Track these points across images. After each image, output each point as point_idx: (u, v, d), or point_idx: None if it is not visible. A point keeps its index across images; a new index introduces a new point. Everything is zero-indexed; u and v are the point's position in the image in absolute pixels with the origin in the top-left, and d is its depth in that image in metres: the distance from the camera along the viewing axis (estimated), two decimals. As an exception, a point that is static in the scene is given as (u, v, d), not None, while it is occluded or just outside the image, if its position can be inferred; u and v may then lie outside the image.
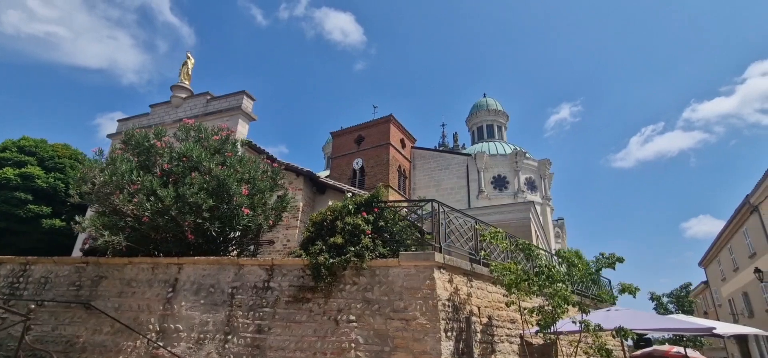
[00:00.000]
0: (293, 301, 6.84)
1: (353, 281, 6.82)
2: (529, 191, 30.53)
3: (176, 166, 7.81)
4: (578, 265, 6.69)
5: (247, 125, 15.45)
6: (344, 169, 32.65)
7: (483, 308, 7.46)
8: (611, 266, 6.91)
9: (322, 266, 6.66)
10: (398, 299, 6.54)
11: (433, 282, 6.49)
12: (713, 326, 6.52)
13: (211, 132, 8.72)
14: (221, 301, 7.06)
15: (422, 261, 6.64)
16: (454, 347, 6.39)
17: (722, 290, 32.55)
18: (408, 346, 6.23)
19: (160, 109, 17.17)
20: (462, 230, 7.87)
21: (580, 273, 6.73)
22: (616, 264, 6.85)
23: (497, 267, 6.75)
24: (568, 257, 6.72)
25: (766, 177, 18.82)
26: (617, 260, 6.88)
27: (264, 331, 6.70)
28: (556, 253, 6.85)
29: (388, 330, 6.39)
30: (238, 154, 8.65)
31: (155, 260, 7.60)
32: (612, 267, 6.92)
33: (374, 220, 7.21)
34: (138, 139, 7.92)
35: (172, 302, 7.18)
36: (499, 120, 36.66)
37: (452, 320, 6.57)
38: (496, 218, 18.48)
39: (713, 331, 6.26)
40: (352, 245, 6.84)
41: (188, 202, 7.10)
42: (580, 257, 6.74)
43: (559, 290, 6.11)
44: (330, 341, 6.46)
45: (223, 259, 7.38)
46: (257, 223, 8.24)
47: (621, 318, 7.22)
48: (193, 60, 17.76)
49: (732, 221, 25.69)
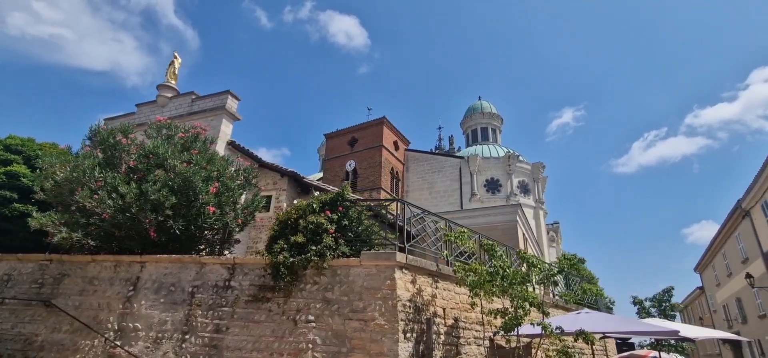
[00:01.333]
0: (253, 300, 6.74)
1: (314, 281, 6.72)
2: (521, 194, 30.39)
3: (142, 163, 7.73)
4: (538, 266, 6.57)
5: (231, 125, 15.39)
6: (337, 171, 32.57)
7: (449, 309, 7.34)
8: (574, 267, 6.80)
9: (281, 265, 6.57)
10: (358, 299, 6.44)
11: (394, 282, 6.38)
12: (678, 330, 6.41)
13: (180, 129, 8.64)
14: (181, 300, 6.96)
15: (383, 261, 6.54)
16: (414, 348, 6.28)
17: (717, 295, 32.31)
18: (365, 347, 6.12)
19: (146, 109, 17.12)
20: (430, 230, 7.76)
21: (540, 274, 6.62)
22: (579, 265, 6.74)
23: (460, 268, 6.63)
24: (528, 257, 6.60)
25: (756, 182, 18.68)
26: (579, 261, 6.77)
27: (222, 330, 6.60)
28: (517, 253, 6.74)
29: (346, 331, 6.28)
30: (209, 152, 8.56)
31: (118, 258, 7.51)
32: (575, 268, 6.81)
33: (338, 219, 7.11)
34: (103, 136, 7.85)
35: (132, 300, 7.09)
36: (493, 123, 36.58)
37: (413, 321, 6.45)
38: (483, 220, 18.37)
39: (678, 334, 6.14)
40: (313, 244, 6.74)
41: (150, 199, 7.02)
42: (539, 259, 6.63)
43: (519, 292, 5.99)
44: (287, 342, 6.35)
45: (185, 257, 7.28)
46: (225, 221, 8.14)
47: (590, 321, 7.11)
48: (180, 60, 17.72)
49: (725, 226, 25.52)
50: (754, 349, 25.62)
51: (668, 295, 14.28)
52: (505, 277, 6.12)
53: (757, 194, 19.14)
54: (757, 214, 20.17)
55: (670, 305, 13.44)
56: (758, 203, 19.50)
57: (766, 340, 23.20)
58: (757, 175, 18.19)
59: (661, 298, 14.39)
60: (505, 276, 6.17)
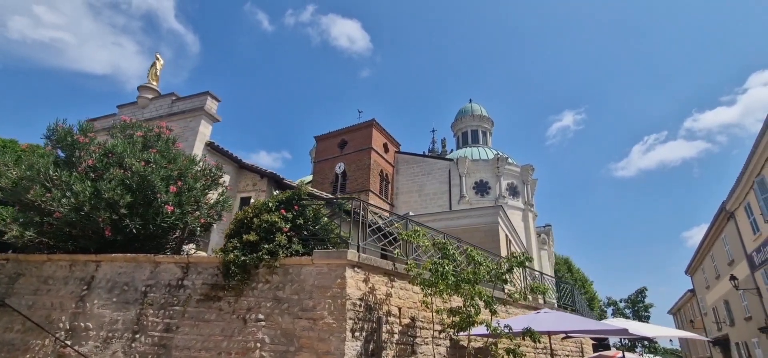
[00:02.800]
0: (204, 299, 6.70)
1: (266, 280, 6.68)
2: (510, 196, 30.39)
3: (101, 162, 7.70)
4: (484, 264, 6.54)
5: (210, 126, 15.36)
6: (327, 174, 32.54)
7: (406, 308, 7.30)
8: (521, 265, 6.77)
9: (231, 263, 6.53)
10: (308, 297, 6.40)
11: (344, 281, 6.35)
12: (626, 327, 6.39)
13: (145, 128, 8.62)
14: (133, 299, 6.91)
15: (334, 259, 6.51)
16: (362, 347, 6.23)
17: (707, 298, 32.31)
18: (313, 346, 6.08)
19: (126, 110, 17.09)
20: (388, 229, 7.73)
21: (487, 272, 6.58)
22: (526, 263, 6.71)
23: (412, 265, 6.59)
24: (474, 255, 6.57)
25: (738, 184, 18.69)
26: (526, 258, 6.74)
27: (172, 330, 6.55)
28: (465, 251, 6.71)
29: (295, 330, 6.24)
30: (172, 152, 8.53)
31: (74, 257, 7.47)
32: (522, 265, 6.79)
33: (293, 218, 7.08)
34: (60, 135, 7.82)
35: (85, 300, 7.04)
36: (483, 125, 36.61)
37: (363, 319, 6.41)
38: (465, 222, 18.35)
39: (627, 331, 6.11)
40: (266, 243, 6.71)
41: (104, 198, 6.98)
42: (485, 257, 6.60)
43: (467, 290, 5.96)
44: (236, 341, 6.30)
45: (139, 256, 7.24)
46: (185, 221, 8.10)
47: (545, 320, 7.07)
48: (161, 61, 17.71)
49: (712, 228, 25.53)
50: (741, 351, 25.59)
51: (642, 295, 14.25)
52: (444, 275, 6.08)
53: (740, 195, 19.15)
54: (740, 216, 20.18)
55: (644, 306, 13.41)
56: (741, 204, 19.51)
57: (752, 342, 23.18)
58: (738, 177, 18.21)
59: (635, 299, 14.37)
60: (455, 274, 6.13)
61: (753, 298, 20.22)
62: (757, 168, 16.27)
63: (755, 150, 15.49)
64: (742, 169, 17.47)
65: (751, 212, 18.21)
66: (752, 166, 16.46)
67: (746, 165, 16.90)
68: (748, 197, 18.49)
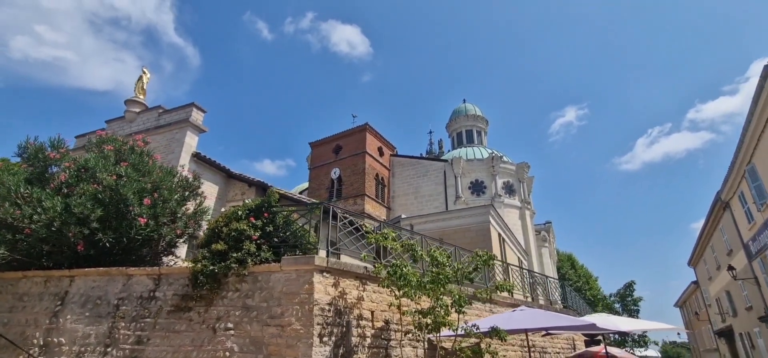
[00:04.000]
0: (175, 310, 6.71)
1: (236, 288, 6.68)
2: (506, 194, 30.30)
3: (73, 177, 7.75)
4: (446, 264, 6.51)
5: (196, 137, 15.42)
6: (323, 180, 32.60)
7: (379, 312, 7.28)
8: (486, 263, 6.74)
9: (199, 273, 6.55)
10: (277, 304, 6.40)
11: (312, 286, 6.35)
12: (593, 322, 6.33)
13: (118, 142, 8.67)
14: (106, 313, 6.94)
15: (302, 265, 6.51)
16: (331, 352, 6.22)
17: (710, 289, 32.00)
18: (281, 352, 6.07)
19: (115, 124, 17.22)
20: (362, 232, 7.72)
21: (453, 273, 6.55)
22: (492, 261, 6.68)
23: (378, 268, 6.58)
24: (436, 256, 6.54)
25: (731, 172, 18.54)
26: (490, 257, 6.71)
27: (143, 342, 6.56)
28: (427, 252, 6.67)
29: (263, 337, 6.23)
30: (147, 165, 8.56)
31: (48, 273, 7.50)
32: (487, 264, 6.76)
33: (263, 225, 7.09)
34: (32, 152, 7.89)
35: (58, 315, 7.07)
36: (478, 125, 36.57)
37: (333, 324, 6.40)
38: (457, 223, 18.30)
39: (595, 326, 6.05)
40: (235, 251, 6.72)
41: (74, 213, 7.02)
42: (448, 257, 6.57)
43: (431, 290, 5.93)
44: (205, 351, 6.31)
45: (112, 270, 7.27)
46: (160, 233, 8.12)
47: (519, 319, 7.03)
48: (148, 75, 17.85)
49: (709, 219, 25.32)
50: (744, 341, 25.30)
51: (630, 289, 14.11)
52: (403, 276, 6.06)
53: (733, 185, 18.99)
54: (735, 205, 20.01)
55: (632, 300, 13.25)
56: (735, 194, 19.35)
57: (754, 331, 22.92)
58: (730, 166, 18.07)
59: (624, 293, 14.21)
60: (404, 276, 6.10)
61: (752, 287, 20.00)
62: (746, 156, 16.14)
63: (743, 138, 15.38)
64: (733, 158, 17.34)
65: (745, 200, 18.05)
66: (742, 155, 16.33)
67: (736, 154, 16.77)
68: (740, 185, 18.33)
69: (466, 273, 6.60)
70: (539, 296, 16.37)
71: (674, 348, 74.56)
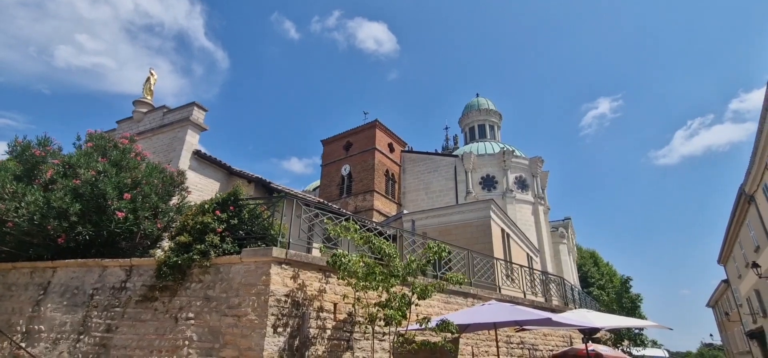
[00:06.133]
0: (143, 300, 6.95)
1: (199, 279, 6.85)
2: (518, 189, 29.63)
3: (59, 174, 8.14)
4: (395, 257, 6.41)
5: (197, 135, 15.87)
6: (334, 177, 32.85)
7: (342, 304, 7.28)
8: (438, 256, 6.60)
9: (163, 264, 6.75)
10: (235, 295, 6.52)
11: (269, 278, 6.42)
12: (550, 316, 6.11)
13: (104, 140, 9.03)
14: (81, 302, 7.26)
15: (260, 257, 6.59)
16: (286, 342, 6.28)
17: (740, 288, 30.26)
18: (236, 342, 6.18)
19: (124, 125, 17.96)
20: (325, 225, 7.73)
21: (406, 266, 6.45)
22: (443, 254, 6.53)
23: (333, 259, 6.55)
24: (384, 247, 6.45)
25: (752, 164, 17.41)
26: (441, 251, 6.56)
27: (112, 330, 6.84)
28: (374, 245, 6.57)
29: (221, 327, 6.36)
30: (128, 161, 8.88)
31: (34, 265, 7.93)
32: (439, 257, 6.61)
33: (228, 218, 7.23)
34: (19, 150, 8.35)
35: (40, 304, 7.46)
36: (491, 119, 35.87)
37: (289, 315, 6.46)
38: (458, 218, 18.05)
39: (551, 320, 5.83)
40: (199, 243, 6.88)
41: (53, 206, 7.38)
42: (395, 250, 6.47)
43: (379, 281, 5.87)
44: (167, 339, 6.50)
45: (89, 261, 7.60)
46: (140, 227, 8.42)
47: (484, 313, 6.88)
48: (155, 76, 18.50)
49: (735, 213, 23.90)
50: (775, 344, 23.75)
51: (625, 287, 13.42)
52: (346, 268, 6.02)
53: (756, 177, 17.84)
54: (760, 198, 18.79)
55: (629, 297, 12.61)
56: (759, 186, 18.17)
57: (785, 334, 21.49)
58: (751, 157, 16.97)
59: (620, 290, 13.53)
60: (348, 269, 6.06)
61: (779, 286, 18.76)
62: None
63: (762, 128, 14.41)
64: (754, 149, 16.28)
65: (768, 193, 16.93)
66: (762, 145, 15.31)
67: (756, 144, 15.74)
68: (764, 177, 17.20)
69: (421, 265, 6.49)
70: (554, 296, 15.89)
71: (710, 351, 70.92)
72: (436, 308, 8.84)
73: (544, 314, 6.35)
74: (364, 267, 6.15)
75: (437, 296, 9.12)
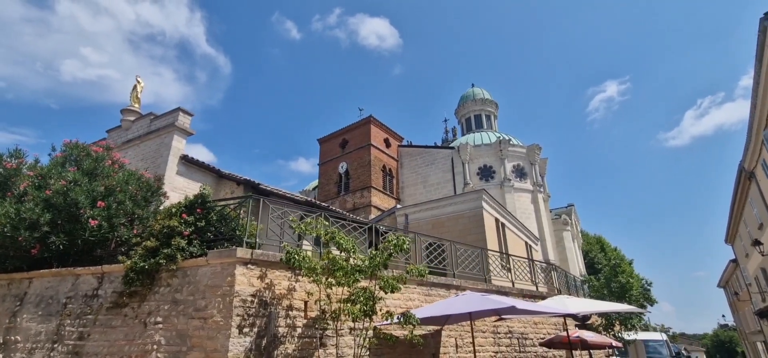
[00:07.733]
0: (113, 306, 6.96)
1: (167, 283, 6.84)
2: (517, 178, 29.37)
3: (33, 186, 8.18)
4: (352, 250, 6.34)
5: (183, 140, 15.89)
6: (331, 175, 32.85)
7: (312, 302, 7.23)
8: (399, 249, 6.50)
9: (130, 270, 6.75)
10: (201, 297, 6.50)
11: (234, 278, 6.39)
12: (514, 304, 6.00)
13: (77, 149, 9.06)
14: (55, 311, 7.30)
15: (225, 258, 6.56)
16: (253, 343, 6.24)
17: (748, 267, 29.77)
18: (203, 344, 6.16)
19: (113, 134, 18.05)
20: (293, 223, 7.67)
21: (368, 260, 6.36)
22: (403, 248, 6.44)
23: (288, 258, 6.48)
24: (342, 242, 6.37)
25: (749, 140, 17.02)
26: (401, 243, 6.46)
27: (84, 337, 6.86)
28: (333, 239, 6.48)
29: (188, 330, 6.35)
30: (103, 169, 8.90)
31: (11, 276, 7.99)
32: (400, 250, 6.51)
33: (195, 220, 7.20)
34: (-9, 163, 8.42)
35: (17, 315, 7.52)
36: (487, 109, 35.57)
37: (255, 316, 6.42)
38: (450, 210, 17.91)
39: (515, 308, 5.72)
40: (166, 247, 6.87)
41: (24, 218, 7.42)
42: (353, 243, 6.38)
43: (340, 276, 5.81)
44: (136, 344, 6.50)
45: (62, 271, 7.63)
46: (115, 234, 8.44)
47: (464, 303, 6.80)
48: (142, 84, 18.55)
49: (737, 191, 23.44)
50: (782, 323, 23.31)
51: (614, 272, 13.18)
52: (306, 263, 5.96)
53: (754, 152, 17.45)
54: (760, 174, 18.39)
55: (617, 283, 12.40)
56: (758, 162, 17.79)
57: (792, 312, 21.08)
58: (747, 132, 16.59)
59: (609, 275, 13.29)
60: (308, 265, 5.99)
61: (782, 263, 18.38)
62: (762, 121, 14.76)
63: (755, 102, 14.06)
64: (749, 124, 15.91)
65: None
66: (757, 121, 14.95)
67: (751, 120, 15.37)
68: (762, 153, 16.82)
69: (384, 259, 6.40)
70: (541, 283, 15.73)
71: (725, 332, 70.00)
72: (415, 301, 8.76)
73: (509, 302, 6.25)
74: (327, 263, 6.09)
75: (417, 290, 9.05)
